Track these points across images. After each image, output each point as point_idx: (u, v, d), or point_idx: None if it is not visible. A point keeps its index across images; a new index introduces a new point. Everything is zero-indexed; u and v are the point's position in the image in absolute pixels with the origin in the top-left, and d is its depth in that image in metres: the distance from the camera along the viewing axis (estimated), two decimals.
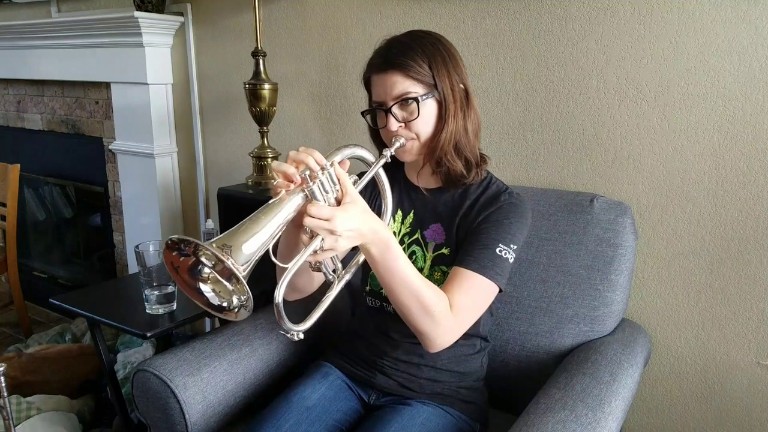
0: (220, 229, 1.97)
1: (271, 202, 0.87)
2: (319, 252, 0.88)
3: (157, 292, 1.39)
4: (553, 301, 1.33)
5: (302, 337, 0.87)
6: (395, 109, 1.07)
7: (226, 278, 0.82)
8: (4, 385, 1.22)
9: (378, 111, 1.10)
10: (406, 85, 1.05)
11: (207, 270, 0.82)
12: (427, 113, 1.07)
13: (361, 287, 1.24)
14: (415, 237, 1.18)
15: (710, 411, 1.44)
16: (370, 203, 1.20)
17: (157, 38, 2.18)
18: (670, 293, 1.44)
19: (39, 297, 2.78)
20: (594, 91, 1.45)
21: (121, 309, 1.47)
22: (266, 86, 1.84)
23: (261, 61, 1.86)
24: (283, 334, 0.87)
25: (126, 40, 2.18)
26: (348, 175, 0.93)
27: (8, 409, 1.27)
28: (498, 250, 1.05)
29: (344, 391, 1.20)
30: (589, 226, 1.34)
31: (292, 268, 0.85)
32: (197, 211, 2.37)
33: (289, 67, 1.97)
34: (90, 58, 2.36)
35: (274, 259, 0.84)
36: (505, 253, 1.05)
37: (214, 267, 0.82)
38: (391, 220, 1.19)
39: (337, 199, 0.91)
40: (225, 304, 0.83)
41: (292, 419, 1.09)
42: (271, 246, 0.83)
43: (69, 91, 2.61)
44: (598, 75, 1.43)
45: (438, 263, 1.14)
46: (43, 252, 3.12)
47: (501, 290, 1.07)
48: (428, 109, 1.07)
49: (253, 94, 1.84)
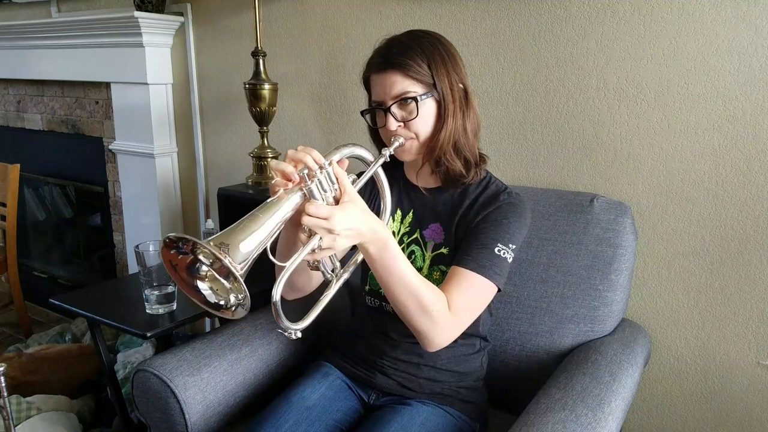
0: (220, 229, 1.95)
1: (269, 200, 0.86)
2: (317, 251, 0.88)
3: (157, 292, 1.39)
4: (553, 301, 1.33)
5: (300, 336, 0.87)
6: (394, 109, 1.07)
7: (224, 276, 0.82)
8: (4, 385, 1.22)
9: (377, 110, 1.10)
10: (406, 85, 1.05)
11: (205, 268, 0.82)
12: (426, 113, 1.07)
13: (361, 287, 1.24)
14: (414, 236, 1.18)
15: (710, 411, 1.44)
16: (370, 203, 1.20)
17: (157, 38, 2.18)
18: (670, 293, 1.44)
19: (39, 297, 2.78)
20: (594, 91, 1.45)
21: (121, 309, 1.47)
22: (266, 86, 1.84)
23: (261, 61, 1.86)
24: (281, 332, 0.87)
25: (126, 40, 2.18)
26: (347, 175, 0.93)
27: (8, 409, 1.27)
28: (497, 250, 1.05)
29: (344, 391, 1.20)
30: (589, 226, 1.34)
31: (289, 267, 0.85)
32: (197, 211, 2.36)
33: (289, 67, 1.97)
34: (90, 58, 2.36)
35: (272, 258, 0.84)
36: (504, 253, 1.05)
37: (211, 265, 0.82)
38: (391, 219, 1.19)
39: (335, 198, 0.91)
40: (222, 302, 0.83)
41: (292, 419, 1.09)
42: (269, 245, 0.83)
43: (69, 91, 2.61)
44: (598, 75, 1.43)
45: (437, 263, 1.14)
46: (43, 252, 3.12)
47: (500, 290, 1.07)
48: (427, 109, 1.07)
49: (253, 94, 1.84)
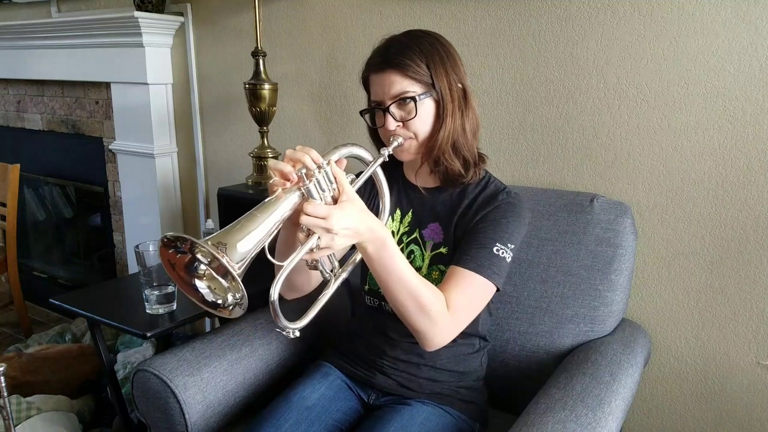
0: (220, 229, 1.97)
1: (267, 200, 0.87)
2: (315, 250, 0.88)
3: (157, 292, 1.39)
4: (553, 301, 1.33)
5: (298, 335, 0.87)
6: (393, 109, 1.07)
7: (222, 275, 0.82)
8: (4, 385, 1.22)
9: (376, 110, 1.10)
10: (404, 85, 1.05)
11: (203, 267, 0.82)
12: (425, 112, 1.07)
13: (360, 286, 1.24)
14: (413, 236, 1.18)
15: (710, 411, 1.44)
16: (369, 202, 1.20)
17: (157, 38, 2.18)
18: (670, 293, 1.44)
19: (39, 297, 2.78)
20: (594, 91, 1.45)
21: (121, 309, 1.47)
22: (266, 86, 1.84)
23: (261, 61, 1.86)
24: (279, 332, 0.87)
25: (126, 40, 2.18)
26: (345, 174, 0.93)
27: (8, 409, 1.27)
28: (495, 250, 1.05)
29: (344, 391, 1.20)
30: (589, 226, 1.34)
31: (287, 267, 0.85)
32: (197, 211, 2.36)
33: (289, 67, 1.97)
34: (90, 58, 2.36)
35: (270, 258, 0.84)
36: (503, 253, 1.05)
37: (209, 264, 0.82)
38: (390, 219, 1.19)
39: (333, 197, 0.91)
40: (220, 301, 0.83)
41: (292, 419, 1.09)
42: (268, 244, 0.83)
43: (69, 91, 2.61)
44: (598, 75, 1.43)
45: (436, 262, 1.14)
46: (43, 252, 3.12)
47: (498, 289, 1.07)
48: (426, 109, 1.07)
49: (253, 94, 1.84)
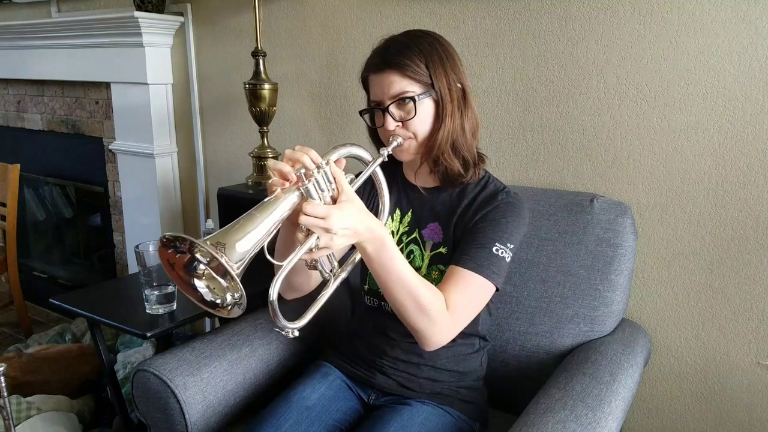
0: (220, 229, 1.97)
1: (266, 200, 0.87)
2: (314, 250, 0.88)
3: (157, 292, 1.39)
4: (553, 301, 1.33)
5: (297, 335, 0.87)
6: (392, 109, 1.07)
7: (221, 275, 0.82)
8: (4, 385, 1.22)
9: (376, 110, 1.11)
10: (403, 85, 1.05)
11: (202, 267, 0.82)
12: (424, 112, 1.07)
13: (360, 286, 1.24)
14: (413, 236, 1.18)
15: (710, 411, 1.44)
16: (369, 202, 1.20)
17: (157, 38, 2.18)
18: (670, 293, 1.44)
19: (39, 297, 2.78)
20: (594, 91, 1.45)
21: (121, 309, 1.47)
22: (266, 86, 1.84)
23: (261, 61, 1.86)
24: (278, 331, 0.87)
25: (126, 40, 2.18)
26: (344, 174, 0.93)
27: (8, 409, 1.27)
28: (494, 249, 1.05)
29: (344, 391, 1.20)
30: (589, 226, 1.34)
31: (286, 266, 0.85)
32: (197, 211, 2.36)
33: (289, 67, 1.97)
34: (90, 58, 2.36)
35: (269, 257, 0.84)
36: (502, 252, 1.05)
37: (208, 264, 0.82)
38: (389, 219, 1.19)
39: (332, 197, 0.91)
40: (219, 301, 0.83)
41: (292, 419, 1.09)
42: (266, 244, 0.83)
43: (69, 91, 2.61)
44: (598, 75, 1.43)
45: (436, 262, 1.14)
46: (43, 252, 3.12)
47: (498, 289, 1.07)
48: (425, 109, 1.07)
49: (253, 94, 1.84)
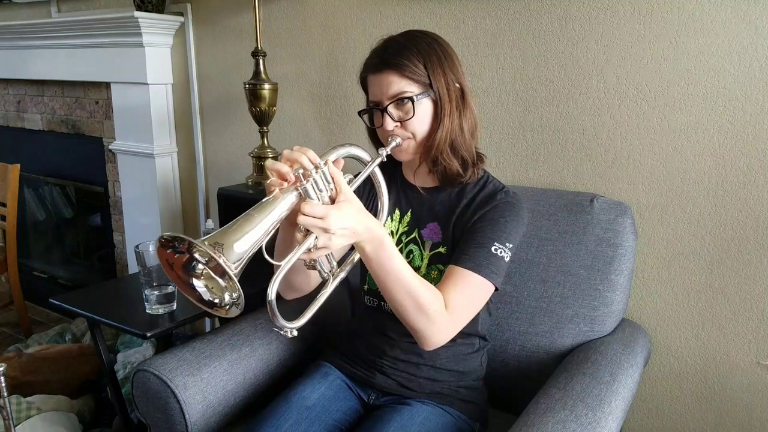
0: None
1: (264, 200, 0.87)
2: (313, 250, 0.88)
3: (157, 292, 1.39)
4: (553, 301, 1.33)
5: (295, 334, 0.87)
6: (391, 109, 1.07)
7: (219, 275, 0.82)
8: (4, 385, 1.22)
9: (375, 111, 1.11)
10: (402, 85, 1.05)
11: (200, 266, 0.83)
12: (423, 112, 1.07)
13: (360, 287, 1.24)
14: (412, 236, 1.18)
15: (710, 411, 1.44)
16: (368, 202, 1.20)
17: (157, 38, 2.18)
18: (670, 293, 1.44)
19: (39, 297, 2.78)
20: (594, 91, 1.45)
21: (121, 309, 1.47)
22: (266, 86, 1.84)
23: (261, 61, 1.85)
24: (277, 331, 0.87)
25: (126, 40, 2.18)
26: (342, 174, 0.93)
27: (8, 409, 1.27)
28: (493, 249, 1.05)
29: (344, 391, 1.20)
30: (589, 226, 1.34)
31: (284, 266, 0.85)
32: (197, 211, 2.36)
33: (289, 67, 1.97)
34: (90, 58, 2.36)
35: (268, 257, 0.84)
36: (501, 252, 1.05)
37: (207, 264, 0.82)
38: (389, 219, 1.20)
39: (331, 197, 0.91)
40: (217, 300, 0.83)
41: (292, 419, 1.09)
42: (265, 244, 0.83)
43: (69, 91, 2.61)
44: (598, 75, 1.43)
45: (435, 262, 1.14)
46: (43, 252, 3.12)
47: (497, 289, 1.07)
48: (424, 109, 1.07)
49: (253, 94, 1.84)
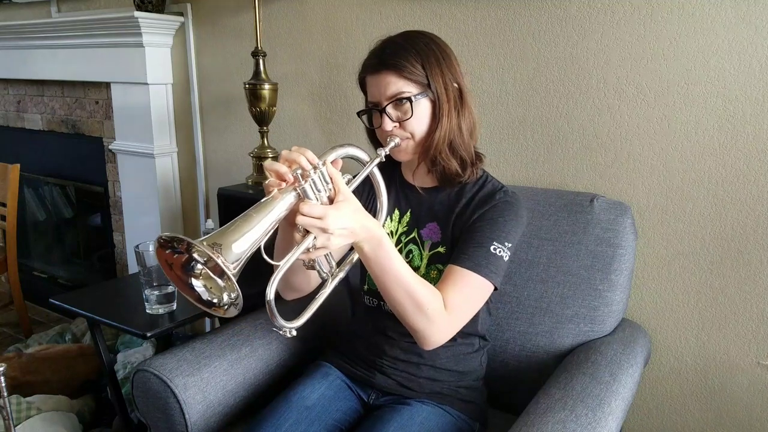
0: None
1: (263, 200, 0.87)
2: (312, 250, 0.88)
3: (157, 292, 1.39)
4: (553, 301, 1.33)
5: (295, 334, 0.87)
6: (389, 109, 1.07)
7: (218, 275, 0.82)
8: (4, 385, 1.22)
9: (373, 111, 1.11)
10: (400, 85, 1.05)
11: (199, 266, 0.83)
12: (421, 112, 1.08)
13: (359, 287, 1.24)
14: (412, 236, 1.18)
15: (710, 411, 1.44)
16: (368, 203, 1.20)
17: (157, 38, 2.18)
18: (670, 293, 1.44)
19: (39, 297, 2.78)
20: (594, 91, 1.45)
21: (121, 309, 1.47)
22: (266, 86, 1.84)
23: (261, 61, 1.86)
24: (276, 331, 0.87)
25: (126, 40, 2.18)
26: (341, 174, 0.93)
27: (8, 409, 1.27)
28: (492, 248, 1.05)
29: (344, 391, 1.20)
30: (589, 226, 1.34)
31: (283, 266, 0.86)
32: (197, 211, 2.36)
33: (289, 67, 1.97)
34: (90, 58, 2.36)
35: (267, 258, 0.84)
36: (500, 251, 1.06)
37: (205, 264, 0.82)
38: (388, 219, 1.20)
39: (329, 197, 0.91)
40: (216, 300, 0.84)
41: (292, 419, 1.09)
42: (264, 244, 0.83)
43: (69, 91, 2.61)
44: (598, 75, 1.43)
45: (434, 262, 1.14)
46: (43, 252, 3.12)
47: (496, 288, 1.07)
48: (422, 109, 1.08)
49: (253, 94, 1.84)
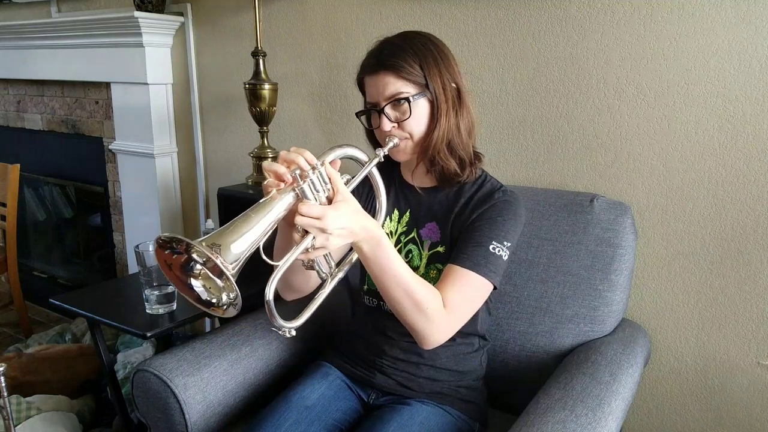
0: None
1: (261, 201, 0.87)
2: (311, 250, 0.88)
3: (157, 292, 1.39)
4: (553, 301, 1.33)
5: (294, 334, 0.88)
6: (388, 110, 1.07)
7: (217, 275, 0.82)
8: (4, 385, 1.22)
9: (372, 112, 1.11)
10: (398, 86, 1.06)
11: (198, 267, 0.83)
12: (419, 113, 1.08)
13: (359, 287, 1.24)
14: (411, 236, 1.18)
15: (710, 411, 1.44)
16: (367, 203, 1.20)
17: (157, 38, 2.18)
18: (670, 293, 1.44)
19: (39, 297, 2.78)
20: (594, 91, 1.45)
21: (121, 309, 1.47)
22: (266, 86, 1.84)
23: (261, 61, 1.86)
24: (275, 331, 0.87)
25: (126, 40, 2.18)
26: (340, 175, 0.93)
27: (8, 409, 1.27)
28: (491, 248, 1.05)
29: (344, 391, 1.20)
30: (589, 226, 1.34)
31: (282, 267, 0.86)
32: (197, 211, 2.36)
33: (289, 67, 1.97)
34: (90, 58, 2.36)
35: (265, 258, 0.85)
36: (499, 251, 1.06)
37: (204, 264, 0.82)
38: (388, 219, 1.20)
39: (328, 198, 0.91)
40: (215, 301, 0.84)
41: (292, 418, 1.09)
42: (262, 244, 0.83)
43: (69, 91, 2.61)
44: (598, 75, 1.43)
45: (434, 261, 1.15)
46: (43, 252, 3.12)
47: (495, 287, 1.07)
48: (420, 109, 1.08)
49: (253, 94, 1.84)
